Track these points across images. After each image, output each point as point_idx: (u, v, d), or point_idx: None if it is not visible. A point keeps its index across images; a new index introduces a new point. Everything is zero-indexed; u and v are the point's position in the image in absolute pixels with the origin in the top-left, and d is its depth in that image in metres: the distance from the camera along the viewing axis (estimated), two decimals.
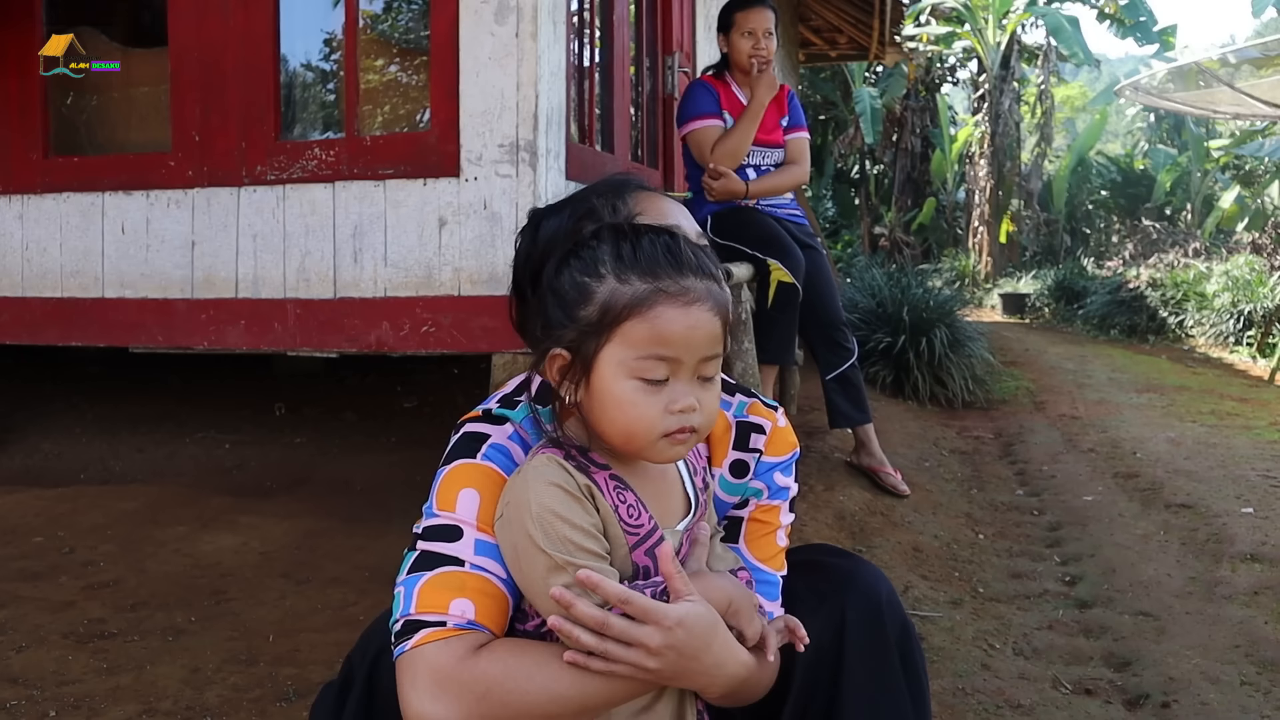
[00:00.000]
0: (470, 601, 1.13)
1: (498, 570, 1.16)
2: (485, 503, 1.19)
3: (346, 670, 1.25)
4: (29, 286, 4.19)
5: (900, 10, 10.37)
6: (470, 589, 1.14)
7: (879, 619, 1.32)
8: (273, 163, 3.79)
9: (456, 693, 1.08)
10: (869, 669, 1.30)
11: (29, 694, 2.22)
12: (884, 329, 6.89)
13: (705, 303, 1.13)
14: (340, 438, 4.66)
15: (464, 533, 1.17)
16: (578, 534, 1.11)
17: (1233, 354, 10.49)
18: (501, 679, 1.08)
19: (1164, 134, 22.52)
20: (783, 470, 1.39)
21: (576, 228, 1.26)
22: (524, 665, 1.09)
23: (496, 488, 1.20)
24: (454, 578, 1.14)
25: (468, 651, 1.10)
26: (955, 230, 19.87)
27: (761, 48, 3.96)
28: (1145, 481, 4.77)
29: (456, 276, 3.54)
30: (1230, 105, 11.66)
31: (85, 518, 3.57)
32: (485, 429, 1.27)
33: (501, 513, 1.16)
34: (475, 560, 1.16)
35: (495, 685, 1.08)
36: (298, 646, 2.50)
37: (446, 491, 1.21)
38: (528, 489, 1.13)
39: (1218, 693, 2.64)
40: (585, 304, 1.13)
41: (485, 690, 1.08)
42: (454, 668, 1.08)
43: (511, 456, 1.24)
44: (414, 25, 4.23)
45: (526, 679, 1.08)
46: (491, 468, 1.22)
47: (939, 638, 2.89)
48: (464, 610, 1.12)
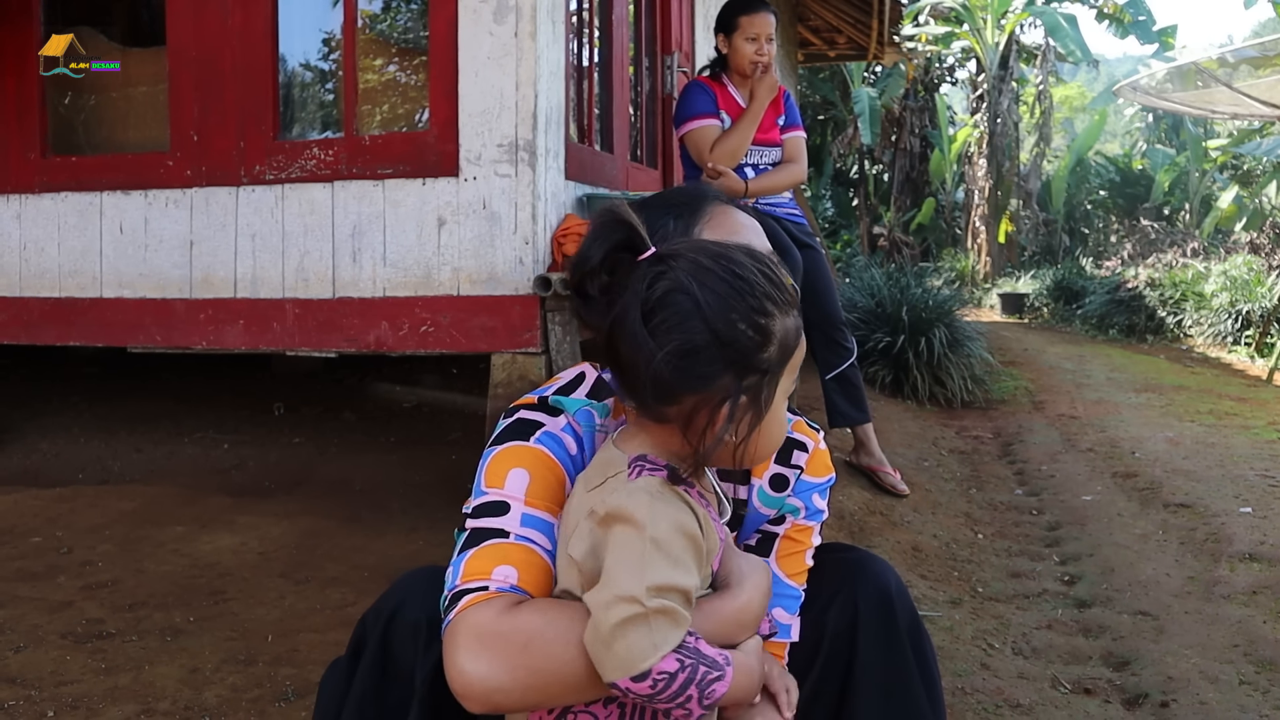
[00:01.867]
0: (513, 568, 1.14)
1: (544, 542, 1.17)
2: (535, 481, 1.21)
3: (359, 633, 1.24)
4: (27, 286, 4.18)
5: (899, 10, 10.37)
6: (514, 558, 1.15)
7: (890, 608, 1.35)
8: (271, 162, 3.79)
9: (499, 648, 1.07)
10: (883, 656, 1.34)
11: (27, 694, 2.22)
12: (883, 329, 6.89)
13: None
14: (339, 437, 4.65)
15: (511, 507, 1.19)
16: (683, 576, 1.09)
17: (1231, 353, 10.49)
18: (543, 628, 1.08)
19: (1162, 134, 22.53)
20: (820, 493, 1.42)
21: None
22: (565, 615, 1.09)
23: (548, 471, 1.22)
24: (499, 549, 1.16)
25: (508, 607, 1.10)
26: (954, 230, 19.86)
27: (764, 53, 3.97)
28: (1144, 481, 4.77)
29: (456, 276, 3.53)
30: (1228, 105, 11.66)
31: (83, 518, 3.56)
32: (539, 417, 1.27)
33: (600, 513, 1.12)
34: (521, 531, 1.17)
35: (536, 636, 1.07)
36: (296, 646, 2.50)
37: (495, 471, 1.22)
38: (654, 511, 1.10)
39: (1216, 692, 2.64)
40: (767, 346, 1.12)
41: (527, 641, 1.07)
42: (494, 623, 1.08)
43: (564, 446, 1.25)
44: (413, 25, 4.23)
45: (568, 628, 1.08)
46: (544, 451, 1.23)
47: (938, 637, 2.89)
48: (507, 575, 1.14)
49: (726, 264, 1.12)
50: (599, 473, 1.17)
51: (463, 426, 4.81)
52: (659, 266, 1.11)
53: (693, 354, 1.08)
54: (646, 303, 1.09)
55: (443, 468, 4.22)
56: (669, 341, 1.08)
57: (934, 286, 9.20)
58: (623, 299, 1.10)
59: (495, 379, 3.57)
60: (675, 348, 1.08)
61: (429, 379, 5.78)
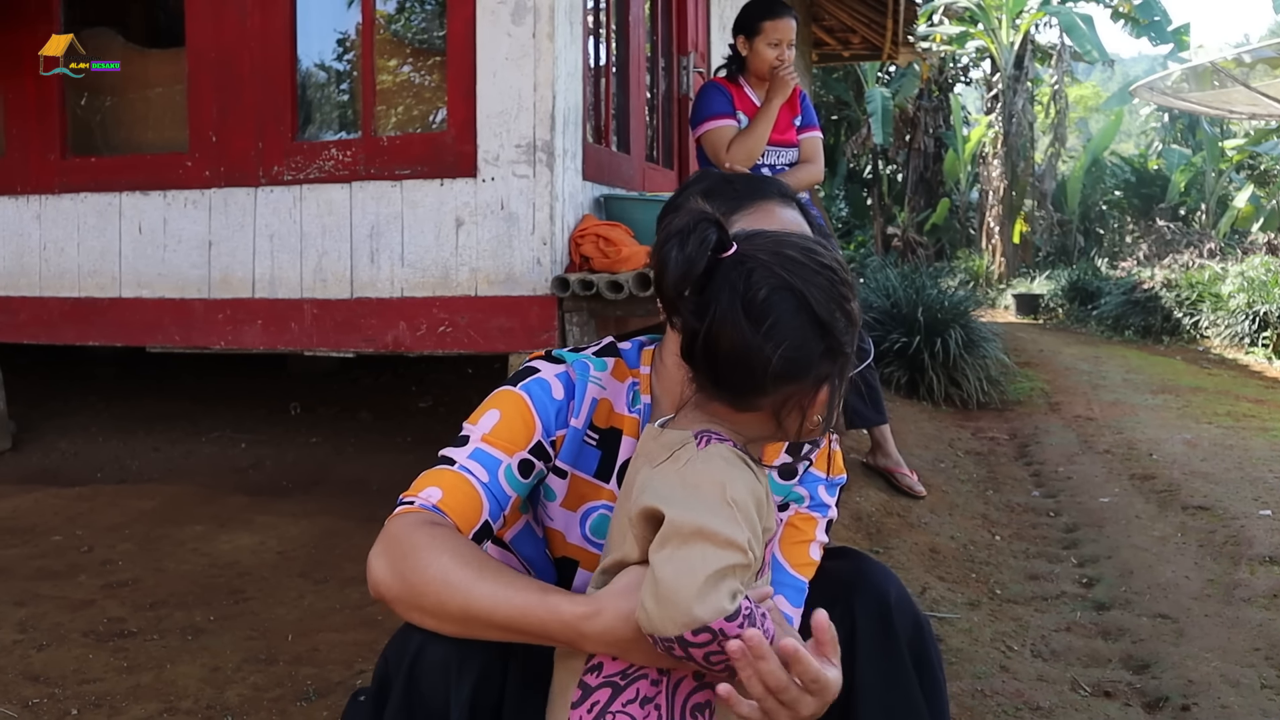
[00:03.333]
0: (440, 490, 1.26)
1: (481, 474, 1.28)
2: (502, 422, 1.32)
3: (382, 673, 1.23)
4: (46, 286, 4.21)
5: (914, 10, 10.34)
6: (445, 482, 1.27)
7: (889, 620, 1.32)
8: (289, 163, 3.80)
9: (391, 552, 1.20)
10: (881, 671, 1.30)
11: (50, 692, 2.23)
12: (899, 329, 6.88)
13: None
14: (356, 437, 4.67)
15: (469, 441, 1.31)
16: (753, 541, 1.12)
17: (1248, 355, 10.43)
18: (419, 549, 1.18)
19: (1178, 134, 22.42)
20: (827, 488, 1.41)
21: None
22: (440, 547, 1.18)
23: (517, 414, 1.33)
24: (438, 474, 1.29)
25: (417, 522, 1.21)
26: (968, 230, 19.80)
27: (784, 57, 3.96)
28: (1162, 483, 4.75)
29: (473, 277, 3.54)
30: (1246, 105, 11.62)
31: (103, 517, 3.58)
32: (538, 364, 1.38)
33: (676, 485, 1.14)
34: (465, 463, 1.29)
35: (414, 551, 1.18)
36: (317, 646, 2.50)
37: (481, 408, 1.36)
38: (731, 474, 1.13)
39: (1238, 695, 2.63)
40: (853, 329, 1.17)
41: (407, 551, 1.19)
42: (398, 531, 1.21)
43: (549, 391, 1.35)
44: (430, 26, 4.24)
45: (432, 555, 1.17)
46: (522, 397, 1.34)
47: (957, 639, 2.88)
48: (430, 495, 1.26)
49: (812, 255, 1.15)
50: (662, 450, 1.18)
51: None
52: (749, 264, 1.12)
53: (804, 348, 1.11)
54: (749, 303, 1.10)
55: None
56: (781, 340, 1.10)
57: (949, 287, 9.19)
58: (719, 300, 1.11)
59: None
60: (789, 345, 1.10)
61: (444, 379, 5.78)
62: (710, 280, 1.12)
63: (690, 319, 1.13)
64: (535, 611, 1.14)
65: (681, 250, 1.11)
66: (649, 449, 1.21)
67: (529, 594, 1.16)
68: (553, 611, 1.14)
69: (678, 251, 1.11)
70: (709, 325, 1.12)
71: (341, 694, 2.25)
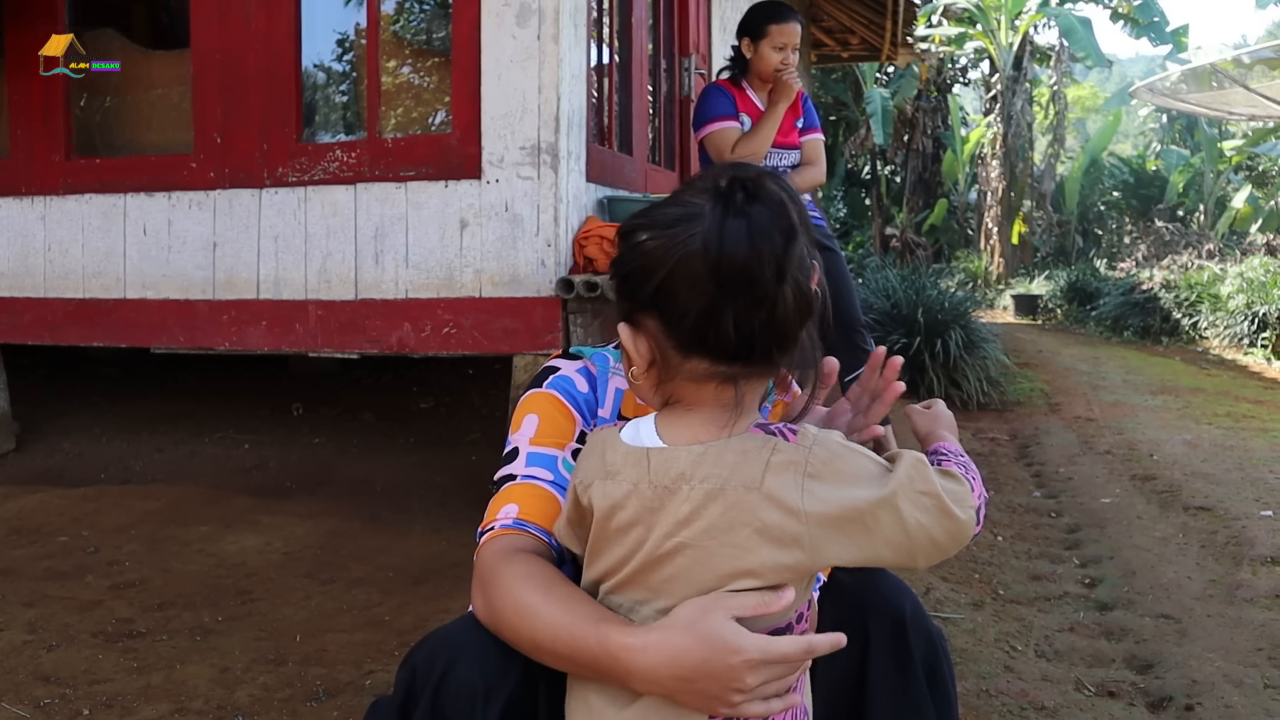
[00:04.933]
0: (515, 504, 1.28)
1: (545, 475, 1.30)
2: (543, 422, 1.34)
3: (409, 683, 1.19)
4: (51, 287, 4.21)
5: (913, 11, 10.35)
6: (516, 496, 1.29)
7: (903, 638, 1.28)
8: (294, 164, 3.81)
9: (480, 585, 1.22)
10: (894, 689, 1.27)
11: (62, 692, 2.24)
12: (899, 330, 6.90)
13: None
14: (358, 438, 4.67)
15: (518, 452, 1.33)
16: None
17: (1247, 356, 10.46)
18: (496, 581, 1.19)
19: (1176, 134, 22.48)
20: None
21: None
22: (513, 578, 1.18)
23: (555, 410, 1.35)
24: (508, 492, 1.30)
25: (501, 553, 1.22)
26: (966, 231, 19.83)
27: (789, 61, 3.98)
28: (1163, 484, 4.76)
29: (478, 278, 3.55)
30: (1244, 106, 11.64)
31: (109, 517, 3.59)
32: (558, 363, 1.41)
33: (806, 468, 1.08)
34: (525, 471, 1.31)
35: (492, 582, 1.19)
36: (325, 647, 2.51)
37: (516, 419, 1.37)
38: (849, 443, 1.14)
39: (1241, 695, 2.64)
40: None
41: (489, 584, 1.20)
42: (485, 562, 1.23)
43: (574, 385, 1.37)
44: (435, 28, 4.25)
45: (507, 588, 1.18)
46: (552, 394, 1.37)
47: (961, 639, 2.89)
48: (508, 512, 1.27)
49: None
50: (754, 461, 1.07)
51: (481, 428, 4.82)
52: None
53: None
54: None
55: (463, 469, 4.24)
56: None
57: (948, 288, 9.20)
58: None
59: (516, 381, 3.59)
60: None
61: (445, 380, 5.79)
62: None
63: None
64: (588, 644, 1.09)
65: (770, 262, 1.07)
66: (724, 466, 1.08)
67: (585, 624, 1.10)
68: (601, 643, 1.08)
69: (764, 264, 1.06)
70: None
71: (351, 694, 2.26)
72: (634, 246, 1.09)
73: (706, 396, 1.10)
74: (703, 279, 1.03)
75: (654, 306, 1.08)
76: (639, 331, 1.10)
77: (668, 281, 1.05)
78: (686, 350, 1.07)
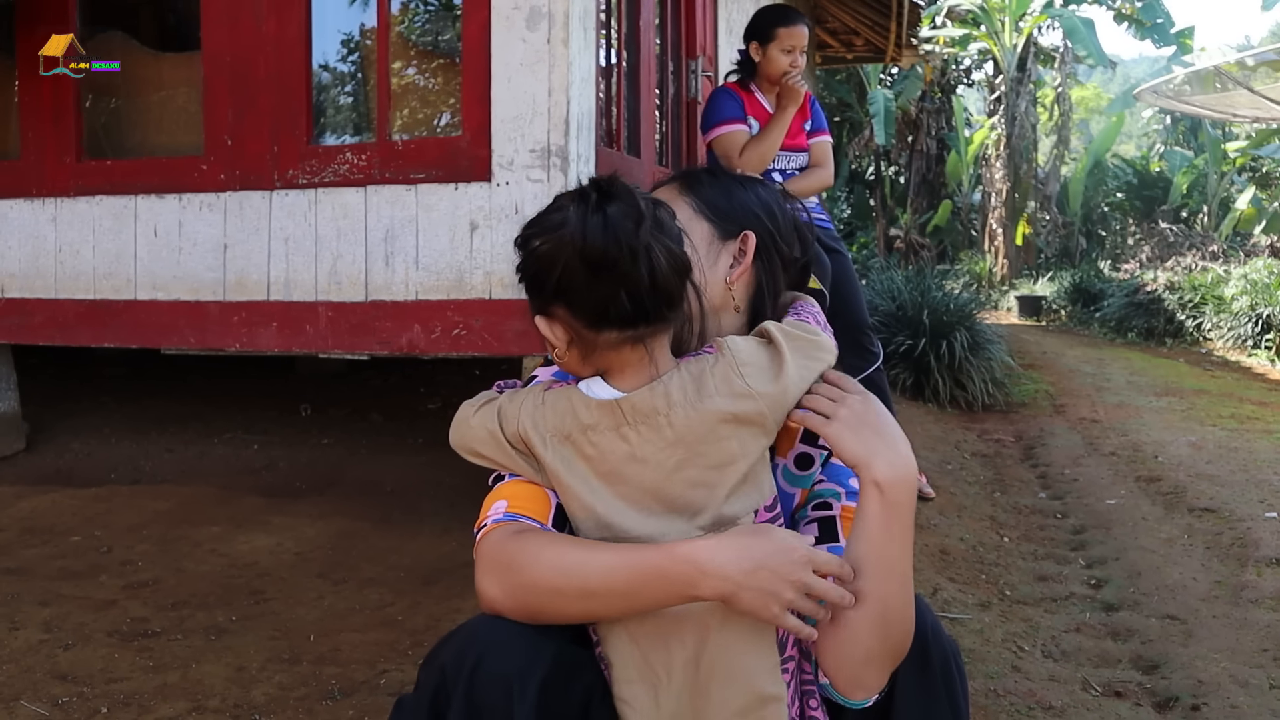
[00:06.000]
0: (505, 500, 1.32)
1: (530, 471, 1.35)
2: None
3: (439, 681, 1.20)
4: (62, 288, 4.24)
5: (917, 13, 10.37)
6: (506, 492, 1.33)
7: (927, 655, 1.30)
8: (304, 166, 3.83)
9: (495, 569, 1.25)
10: (919, 706, 1.29)
11: (79, 691, 2.26)
12: (904, 332, 6.92)
13: None
14: (367, 439, 4.70)
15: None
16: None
17: (1251, 357, 10.47)
18: (519, 553, 1.24)
19: (1180, 136, 22.47)
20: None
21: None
22: (538, 543, 1.25)
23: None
24: (497, 491, 1.35)
25: (503, 537, 1.27)
26: (970, 232, 19.84)
27: (797, 64, 4.00)
28: (1168, 485, 4.78)
29: (488, 280, 3.57)
30: (1249, 108, 11.64)
31: (120, 517, 3.61)
32: (538, 370, 1.48)
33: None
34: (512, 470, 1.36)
35: (515, 558, 1.24)
36: (339, 646, 2.54)
37: None
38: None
39: (1247, 696, 2.66)
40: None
41: (508, 562, 1.24)
42: (490, 549, 1.27)
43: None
44: (445, 31, 4.27)
45: (536, 553, 1.23)
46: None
47: (969, 640, 2.91)
48: (499, 508, 1.31)
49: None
50: (702, 377, 1.29)
51: None
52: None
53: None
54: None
55: (472, 469, 4.20)
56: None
57: (953, 289, 9.22)
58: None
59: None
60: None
61: (452, 380, 5.81)
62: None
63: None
64: (652, 559, 1.20)
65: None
66: (676, 390, 1.28)
67: (641, 551, 1.21)
68: (669, 554, 1.20)
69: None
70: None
71: (366, 693, 2.28)
72: (530, 251, 1.27)
73: (628, 357, 1.29)
74: (584, 269, 1.22)
75: (558, 298, 1.26)
76: (553, 320, 1.28)
77: (563, 276, 1.23)
78: (596, 327, 1.25)
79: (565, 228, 1.22)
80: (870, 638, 1.24)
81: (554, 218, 1.25)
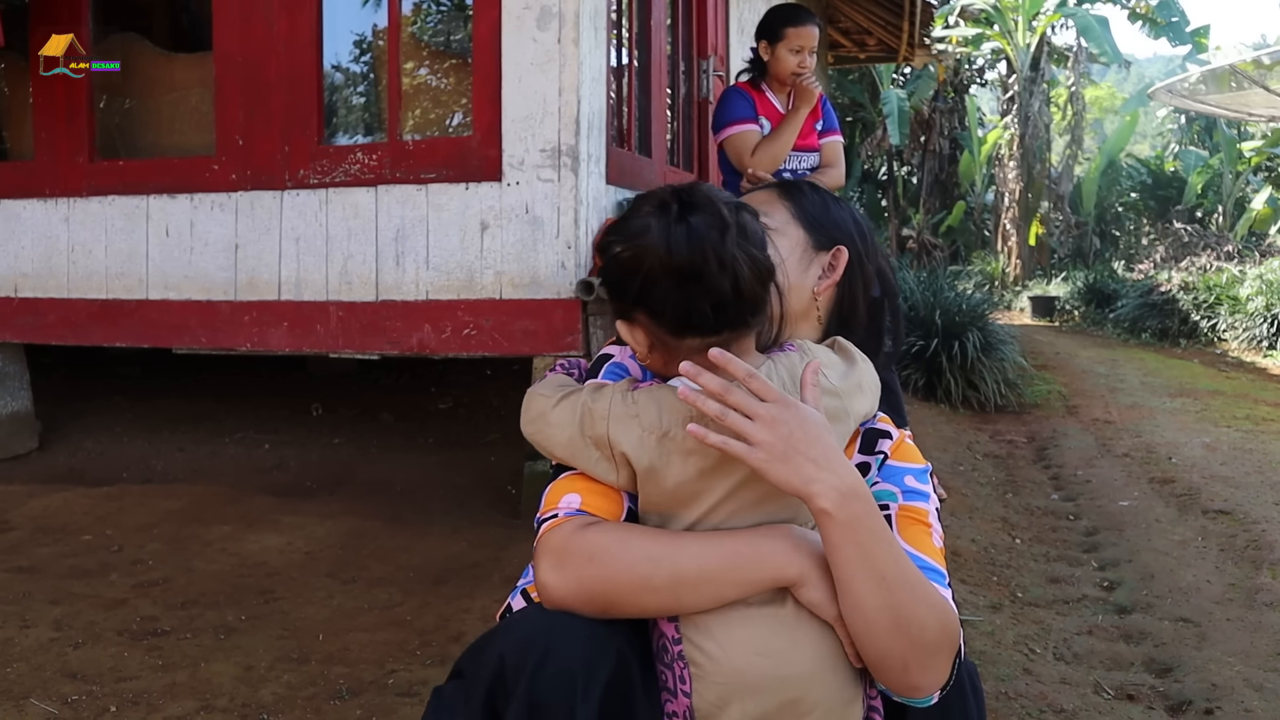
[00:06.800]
0: (577, 494, 1.29)
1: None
2: None
3: (496, 670, 1.18)
4: (74, 288, 4.25)
5: (930, 12, 10.33)
6: (579, 486, 1.30)
7: (958, 671, 1.28)
8: (315, 166, 3.84)
9: (569, 561, 1.21)
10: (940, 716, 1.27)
11: (89, 689, 2.26)
12: (916, 332, 6.89)
13: None
14: (378, 438, 4.70)
15: None
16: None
17: (1266, 358, 10.40)
18: (605, 544, 1.22)
19: (1195, 135, 22.33)
20: (915, 476, 1.36)
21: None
22: (624, 533, 1.24)
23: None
24: (568, 480, 1.31)
25: (576, 529, 1.24)
26: (983, 232, 19.78)
27: (806, 64, 3.98)
28: (1181, 487, 4.75)
29: (498, 280, 3.57)
30: (1265, 107, 11.57)
31: (131, 516, 3.62)
32: (610, 349, 1.44)
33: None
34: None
35: (599, 549, 1.21)
36: (347, 646, 2.54)
37: None
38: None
39: (1261, 699, 2.64)
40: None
41: (591, 554, 1.21)
42: (564, 541, 1.23)
43: (628, 370, 1.40)
44: (456, 32, 4.27)
45: (624, 543, 1.22)
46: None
47: (980, 642, 2.90)
48: (570, 501, 1.28)
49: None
50: (793, 371, 1.29)
51: (500, 428, 4.85)
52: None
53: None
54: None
55: (482, 469, 4.26)
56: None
57: (965, 289, 9.19)
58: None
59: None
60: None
61: (463, 380, 5.82)
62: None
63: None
64: (750, 541, 1.21)
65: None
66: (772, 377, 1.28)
67: (730, 537, 1.22)
68: (766, 534, 1.22)
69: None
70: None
71: (374, 693, 2.28)
72: (612, 258, 1.25)
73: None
74: (668, 280, 1.21)
75: (640, 304, 1.25)
76: (634, 325, 1.28)
77: (645, 284, 1.22)
78: (678, 334, 1.25)
79: (647, 235, 1.21)
80: (896, 644, 1.20)
81: (635, 224, 1.24)
